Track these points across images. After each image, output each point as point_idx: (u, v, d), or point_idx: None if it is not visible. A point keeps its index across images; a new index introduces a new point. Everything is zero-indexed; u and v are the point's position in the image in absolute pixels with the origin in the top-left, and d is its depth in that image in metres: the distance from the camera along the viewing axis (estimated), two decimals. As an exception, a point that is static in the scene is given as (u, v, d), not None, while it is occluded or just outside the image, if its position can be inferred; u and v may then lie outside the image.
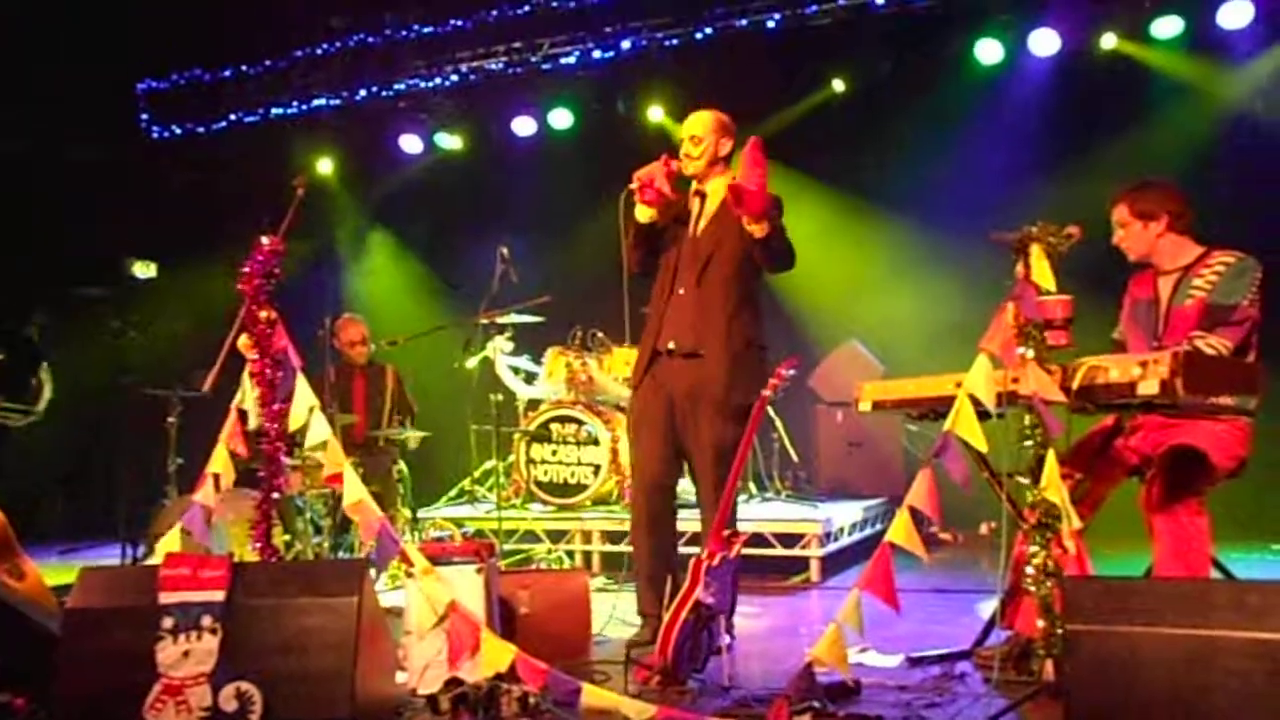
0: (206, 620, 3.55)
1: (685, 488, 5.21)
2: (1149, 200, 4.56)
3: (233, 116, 10.96)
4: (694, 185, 5.01)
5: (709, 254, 4.87)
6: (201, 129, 11.10)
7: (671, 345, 4.87)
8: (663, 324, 4.92)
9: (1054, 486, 3.71)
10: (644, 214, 4.83)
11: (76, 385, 8.36)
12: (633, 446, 5.13)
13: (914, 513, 3.77)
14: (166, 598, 3.59)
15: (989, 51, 8.91)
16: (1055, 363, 3.82)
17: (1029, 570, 3.81)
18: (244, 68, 10.90)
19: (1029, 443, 3.83)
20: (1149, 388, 3.57)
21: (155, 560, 4.05)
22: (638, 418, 5.03)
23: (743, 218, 4.59)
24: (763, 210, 4.56)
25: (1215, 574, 4.37)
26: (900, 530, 3.76)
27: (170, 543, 4.16)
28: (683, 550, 6.61)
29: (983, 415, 3.81)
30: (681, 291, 4.89)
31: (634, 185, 4.77)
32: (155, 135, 11.23)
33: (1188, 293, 4.45)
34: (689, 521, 6.99)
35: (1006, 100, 8.98)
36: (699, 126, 4.97)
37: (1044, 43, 8.71)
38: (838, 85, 9.49)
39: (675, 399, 4.88)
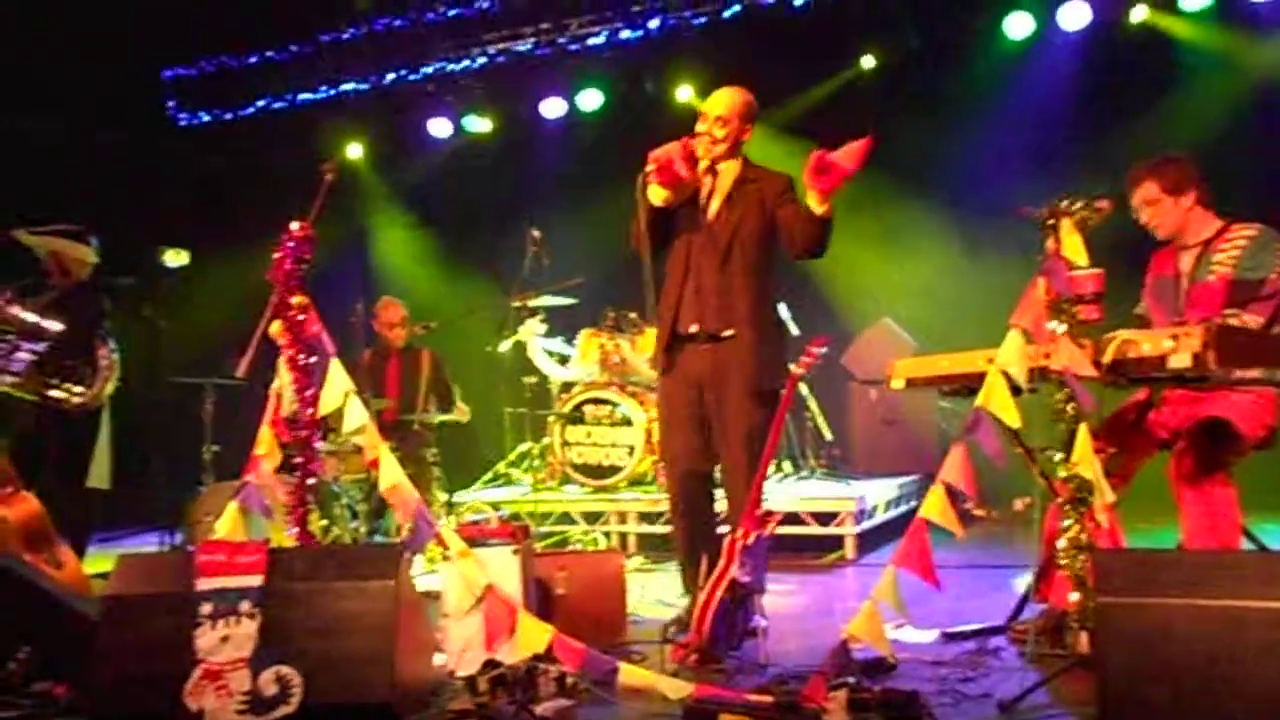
0: (245, 605, 3.58)
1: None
2: (1176, 175, 4.51)
3: (260, 103, 10.99)
4: (704, 163, 4.82)
5: (730, 235, 4.74)
6: (229, 116, 11.13)
7: (695, 328, 4.74)
8: (680, 306, 4.79)
9: (1087, 461, 3.70)
10: (658, 195, 4.67)
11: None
12: (664, 434, 5.00)
13: (949, 489, 3.77)
14: (204, 583, 3.62)
15: (1019, 25, 8.88)
16: (1087, 337, 3.80)
17: (1062, 544, 3.80)
18: (271, 54, 10.91)
19: (1062, 417, 3.81)
20: (1181, 361, 3.55)
21: (218, 535, 4.12)
22: (668, 405, 4.91)
23: (813, 190, 4.46)
24: (833, 192, 4.47)
25: (1247, 544, 4.36)
26: (935, 506, 3.75)
27: (228, 524, 4.21)
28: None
29: (1015, 391, 3.80)
30: (702, 273, 4.76)
31: (650, 167, 4.61)
32: (183, 123, 11.27)
33: (1209, 268, 4.42)
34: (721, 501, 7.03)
35: (1036, 75, 8.94)
36: (725, 107, 4.80)
37: (1074, 16, 8.67)
38: (867, 62, 9.45)
39: (703, 383, 4.76)
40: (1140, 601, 3.17)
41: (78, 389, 5.92)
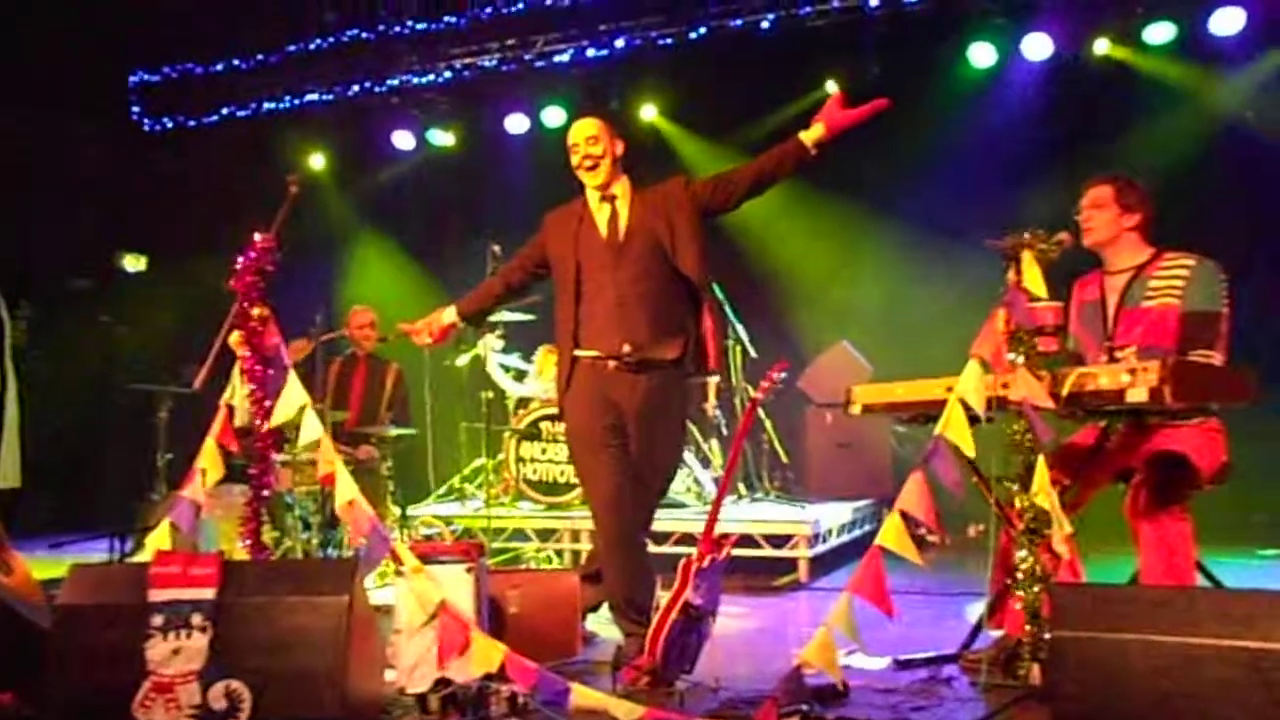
0: (196, 618, 3.55)
1: (676, 488, 5.21)
2: (1134, 194, 4.54)
3: (225, 110, 10.94)
4: (597, 194, 4.80)
5: (643, 259, 4.68)
6: (193, 122, 11.09)
7: (627, 349, 4.61)
8: (583, 328, 4.71)
9: (1044, 492, 3.72)
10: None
11: (65, 378, 8.35)
12: (582, 462, 4.77)
13: (907, 517, 3.79)
14: (156, 595, 3.59)
15: (982, 55, 8.94)
16: (1045, 369, 3.84)
17: (1018, 575, 3.82)
18: (236, 61, 10.88)
19: (1019, 448, 3.83)
20: (1138, 395, 3.60)
21: (144, 556, 4.05)
22: (584, 433, 4.70)
23: (822, 121, 4.59)
24: (838, 132, 4.59)
25: (1201, 580, 4.39)
26: (891, 534, 3.77)
27: (159, 538, 4.15)
28: (671, 550, 6.66)
29: (973, 420, 3.83)
30: (610, 296, 4.67)
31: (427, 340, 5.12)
32: (146, 127, 11.20)
33: (1144, 293, 4.45)
34: (672, 522, 7.03)
35: (999, 104, 9.01)
36: (592, 127, 4.76)
37: (1037, 47, 8.73)
38: (831, 87, 9.47)
39: (626, 411, 4.67)
40: (1095, 636, 3.19)
41: None
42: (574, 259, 4.77)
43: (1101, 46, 8.68)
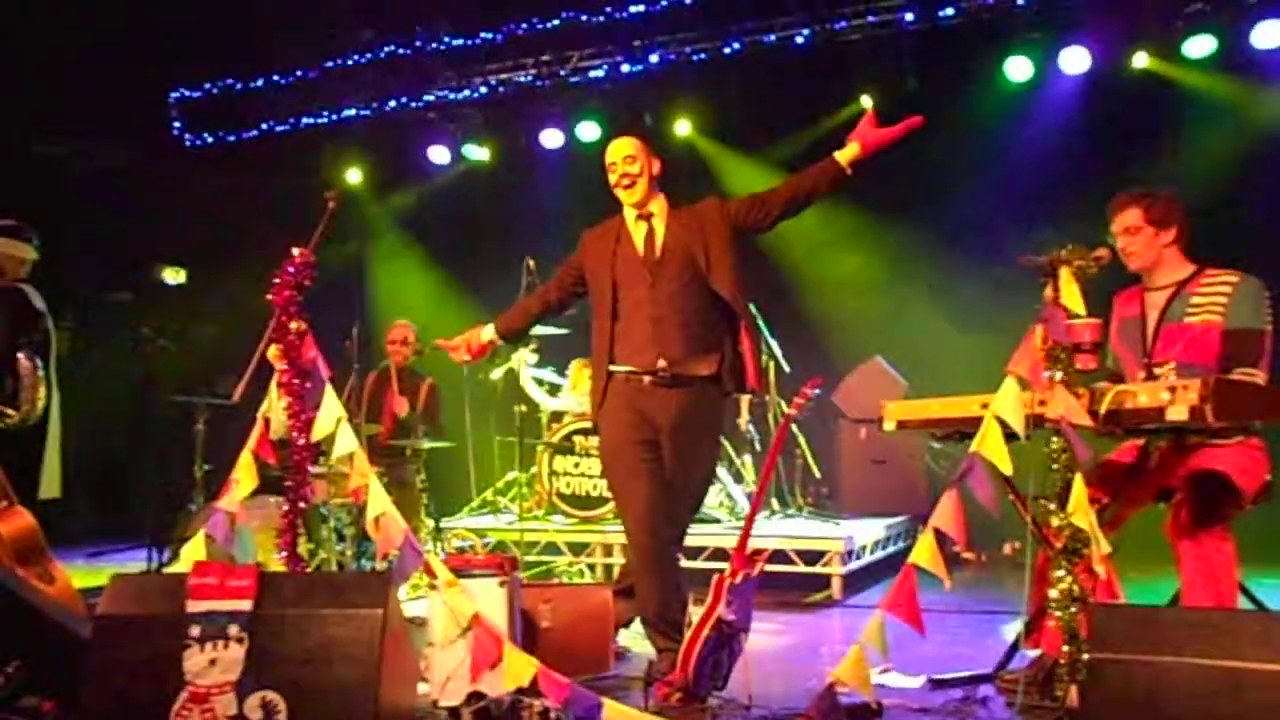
0: (233, 629, 3.57)
1: (709, 503, 5.20)
2: (1164, 208, 4.48)
3: (264, 125, 11.07)
4: (634, 212, 4.86)
5: (678, 277, 4.72)
6: (233, 137, 11.21)
7: (662, 364, 4.65)
8: (619, 344, 4.75)
9: (1082, 511, 3.69)
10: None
11: (105, 390, 8.43)
12: (616, 477, 4.79)
13: (938, 534, 3.77)
14: (194, 606, 3.61)
15: (1019, 69, 8.89)
16: (1083, 386, 3.81)
17: (1054, 595, 3.79)
18: (276, 77, 11.00)
19: (1056, 466, 3.80)
20: (1178, 413, 3.56)
21: (180, 566, 4.07)
22: (618, 448, 4.72)
23: (857, 140, 4.66)
24: (872, 150, 4.65)
25: (1244, 601, 4.33)
26: (924, 552, 3.75)
27: (195, 549, 4.16)
28: (704, 565, 6.65)
29: (1010, 437, 3.81)
30: (646, 313, 4.71)
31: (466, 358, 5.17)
32: (187, 143, 11.33)
33: (1186, 310, 4.39)
34: (705, 537, 7.02)
35: (1036, 118, 8.96)
36: (630, 146, 4.80)
37: (1074, 61, 8.66)
38: (866, 101, 9.46)
39: (661, 426, 4.70)
40: (1134, 658, 3.15)
41: (9, 411, 5.53)
42: (610, 276, 4.81)
43: (1141, 60, 8.60)
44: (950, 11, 8.85)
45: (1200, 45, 8.42)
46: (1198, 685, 3.05)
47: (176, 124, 11.32)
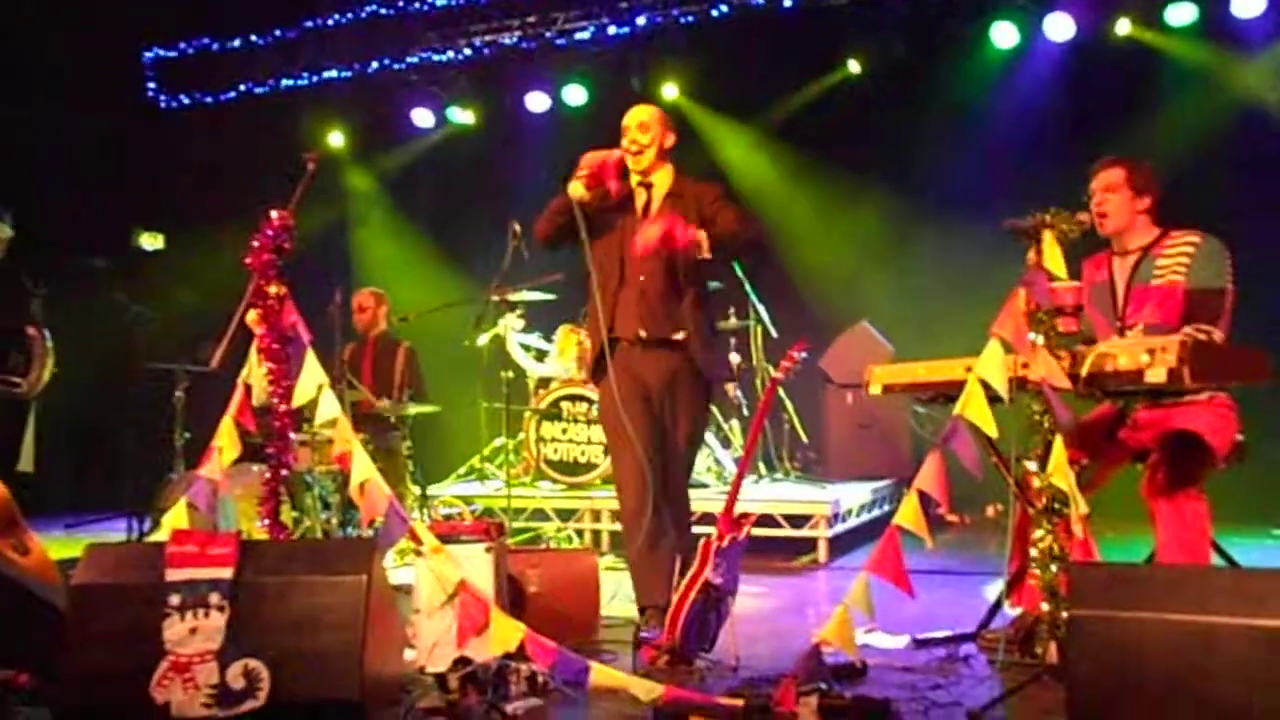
0: (214, 597, 3.55)
1: (696, 467, 5.20)
2: (1145, 175, 4.54)
3: (242, 87, 10.90)
4: (637, 178, 4.95)
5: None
6: (210, 99, 11.05)
7: (643, 333, 4.81)
8: (616, 312, 4.86)
9: (1061, 472, 3.71)
10: (577, 190, 4.80)
11: (81, 357, 8.35)
12: (615, 439, 4.85)
13: (923, 497, 3.79)
14: (174, 574, 3.59)
15: (1004, 35, 8.89)
16: (1065, 349, 3.81)
17: (1034, 554, 3.82)
18: (254, 38, 10.85)
19: (1038, 428, 3.82)
20: (1157, 375, 3.58)
21: (161, 535, 4.05)
22: (617, 409, 4.75)
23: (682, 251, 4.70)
24: (686, 247, 4.66)
25: (1216, 559, 4.40)
26: (909, 513, 3.79)
27: (176, 517, 4.14)
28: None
29: (993, 400, 3.82)
30: (642, 279, 4.81)
31: (583, 172, 4.81)
32: (163, 105, 11.19)
33: (1153, 272, 4.44)
34: (693, 502, 7.03)
35: (1021, 84, 8.96)
36: (646, 114, 4.91)
37: (1059, 27, 8.66)
38: (853, 67, 9.44)
39: (651, 386, 4.82)
40: (1111, 614, 3.19)
41: (15, 379, 5.60)
42: (618, 239, 4.90)
43: (1123, 27, 8.59)
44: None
45: (1182, 13, 8.41)
46: (1173, 640, 3.10)
47: (152, 85, 11.15)
